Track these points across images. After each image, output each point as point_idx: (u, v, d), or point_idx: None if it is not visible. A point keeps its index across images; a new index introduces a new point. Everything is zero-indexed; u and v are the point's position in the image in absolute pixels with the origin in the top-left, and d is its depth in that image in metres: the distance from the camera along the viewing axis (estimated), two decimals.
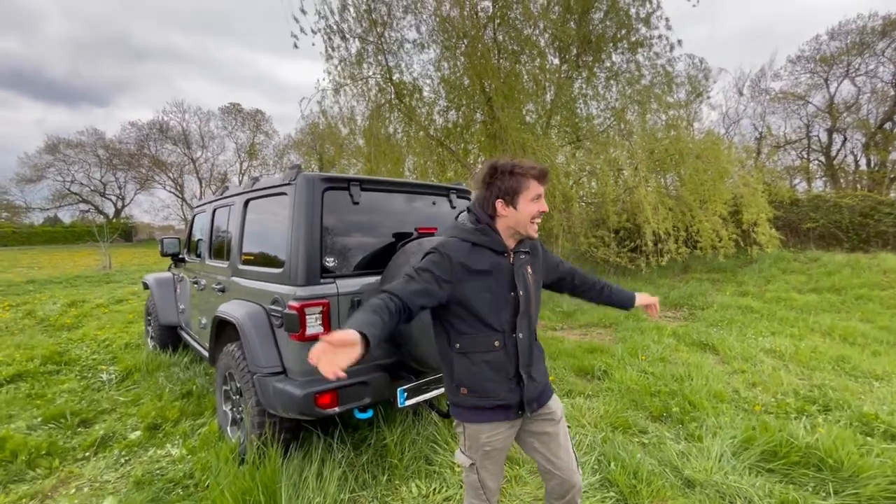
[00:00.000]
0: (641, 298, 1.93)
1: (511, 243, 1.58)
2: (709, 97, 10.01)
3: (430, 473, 2.53)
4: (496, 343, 1.51)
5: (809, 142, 22.24)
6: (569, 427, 1.71)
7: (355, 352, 1.18)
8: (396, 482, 2.46)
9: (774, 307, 6.80)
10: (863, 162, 21.06)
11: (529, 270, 1.59)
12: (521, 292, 1.54)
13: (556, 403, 1.68)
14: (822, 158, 22.01)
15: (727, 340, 5.05)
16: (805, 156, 22.61)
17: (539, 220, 1.54)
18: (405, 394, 2.57)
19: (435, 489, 2.39)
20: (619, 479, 2.39)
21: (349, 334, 1.18)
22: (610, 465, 2.54)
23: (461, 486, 2.41)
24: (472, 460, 1.57)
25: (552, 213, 8.46)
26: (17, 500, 2.40)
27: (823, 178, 22.02)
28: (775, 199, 9.81)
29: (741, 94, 22.43)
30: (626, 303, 1.91)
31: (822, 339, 5.26)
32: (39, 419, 3.26)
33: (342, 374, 1.14)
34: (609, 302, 1.90)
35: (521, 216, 1.51)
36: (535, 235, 1.57)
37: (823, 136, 21.66)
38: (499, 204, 1.51)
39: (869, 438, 2.82)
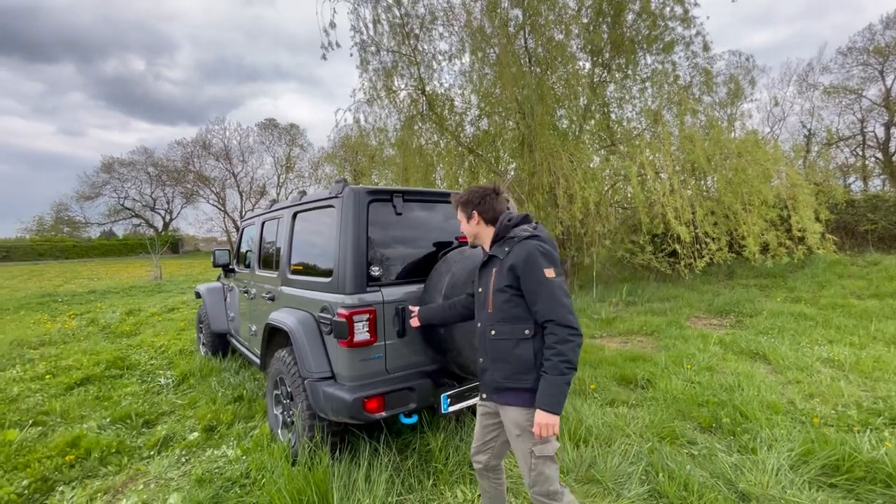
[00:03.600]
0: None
1: (489, 247, 1.89)
2: (754, 98, 9.63)
3: (474, 480, 2.55)
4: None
5: (864, 138, 20.89)
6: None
7: None
8: (441, 487, 2.50)
9: (831, 314, 6.40)
10: None
11: (494, 272, 1.78)
12: (479, 289, 1.87)
13: (508, 412, 1.73)
14: (879, 155, 20.62)
15: (779, 349, 4.81)
16: (860, 153, 21.24)
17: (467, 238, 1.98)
18: (448, 400, 2.62)
19: (479, 495, 2.40)
20: (669, 490, 2.33)
21: None
22: (658, 475, 2.48)
23: None
24: None
25: (587, 220, 8.34)
26: (92, 494, 2.60)
27: (881, 176, 20.59)
28: (829, 201, 9.24)
29: (777, 103, 21.28)
30: None
31: (886, 348, 4.91)
32: (108, 419, 3.52)
33: None
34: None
35: None
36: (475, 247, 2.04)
37: (880, 132, 20.33)
38: None
39: None
